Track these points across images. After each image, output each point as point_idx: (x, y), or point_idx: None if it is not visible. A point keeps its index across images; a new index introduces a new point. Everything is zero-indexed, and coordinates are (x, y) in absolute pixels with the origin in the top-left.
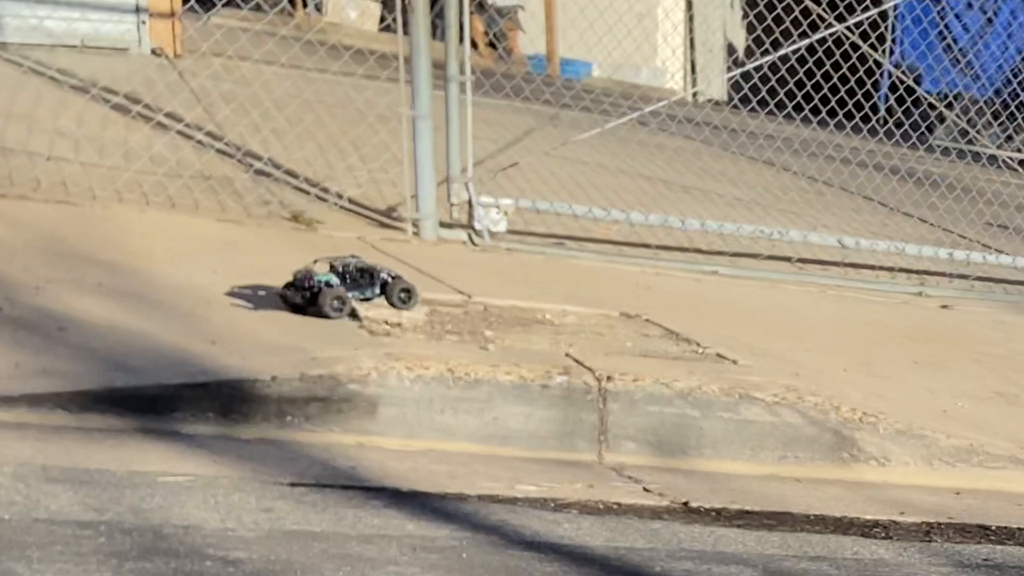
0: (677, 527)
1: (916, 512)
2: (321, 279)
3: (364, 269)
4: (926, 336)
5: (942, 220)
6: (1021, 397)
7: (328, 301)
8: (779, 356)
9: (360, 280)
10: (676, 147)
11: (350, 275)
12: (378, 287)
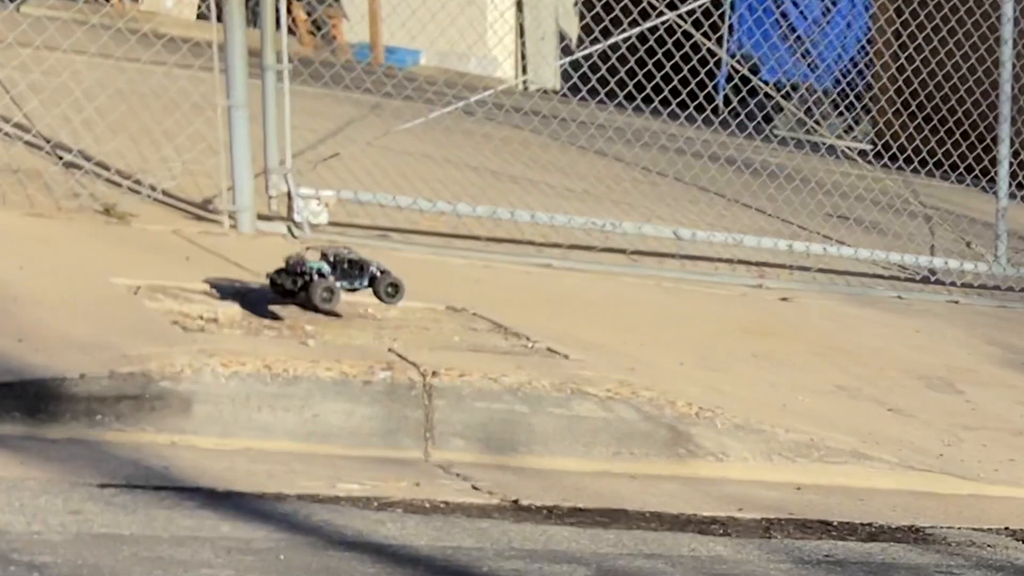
0: (507, 526)
1: (755, 508)
2: (313, 266)
3: (355, 261)
4: (766, 329)
5: (781, 211)
6: (863, 391)
7: (319, 292)
8: (613, 350)
9: (350, 271)
10: (504, 137)
11: (341, 266)
12: (367, 279)
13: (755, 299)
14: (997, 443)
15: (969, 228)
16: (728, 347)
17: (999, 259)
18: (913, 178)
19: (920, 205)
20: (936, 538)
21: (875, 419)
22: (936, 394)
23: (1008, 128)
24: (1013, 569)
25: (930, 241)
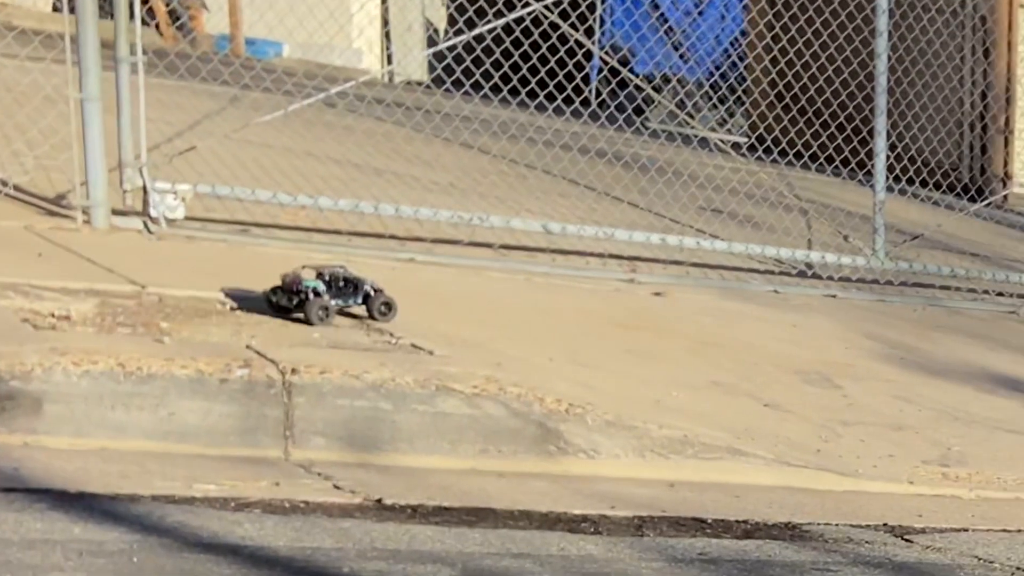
0: (369, 525)
1: (628, 506)
2: (309, 285)
3: (350, 279)
4: (639, 324)
5: (653, 204)
6: (739, 386)
7: (315, 310)
8: (480, 346)
9: (344, 289)
10: (366, 129)
11: (336, 284)
12: (360, 297)
13: (628, 294)
14: (876, 438)
15: (846, 221)
16: (600, 343)
17: (877, 253)
18: (788, 171)
19: (796, 198)
20: (813, 535)
21: (751, 415)
22: (813, 389)
23: (884, 121)
24: (891, 565)
25: (807, 235)
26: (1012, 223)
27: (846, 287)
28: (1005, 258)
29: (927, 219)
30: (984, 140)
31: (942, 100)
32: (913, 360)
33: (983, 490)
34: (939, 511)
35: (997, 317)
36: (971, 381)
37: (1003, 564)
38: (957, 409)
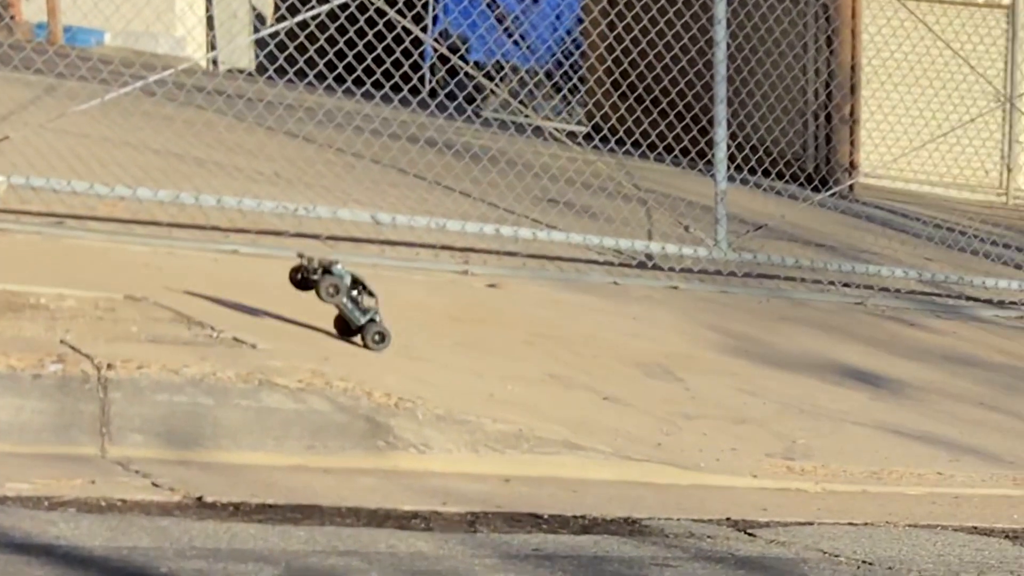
0: (189, 524)
1: (460, 502)
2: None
3: (367, 309)
4: (473, 317)
5: (487, 194)
6: (577, 379)
7: (324, 286)
8: (306, 339)
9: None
10: (187, 118)
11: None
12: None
13: (461, 285)
14: (718, 432)
15: (687, 212)
16: (432, 335)
17: (719, 243)
18: (627, 160)
19: (635, 188)
20: (653, 530)
21: (589, 408)
22: (655, 382)
23: (724, 109)
24: (734, 560)
25: (647, 225)
26: (858, 213)
27: (688, 278)
28: (852, 248)
29: (771, 209)
30: (829, 130)
31: (783, 89)
32: (757, 352)
33: (829, 483)
34: (784, 505)
35: (844, 308)
36: (817, 373)
37: (849, 557)
38: (803, 401)
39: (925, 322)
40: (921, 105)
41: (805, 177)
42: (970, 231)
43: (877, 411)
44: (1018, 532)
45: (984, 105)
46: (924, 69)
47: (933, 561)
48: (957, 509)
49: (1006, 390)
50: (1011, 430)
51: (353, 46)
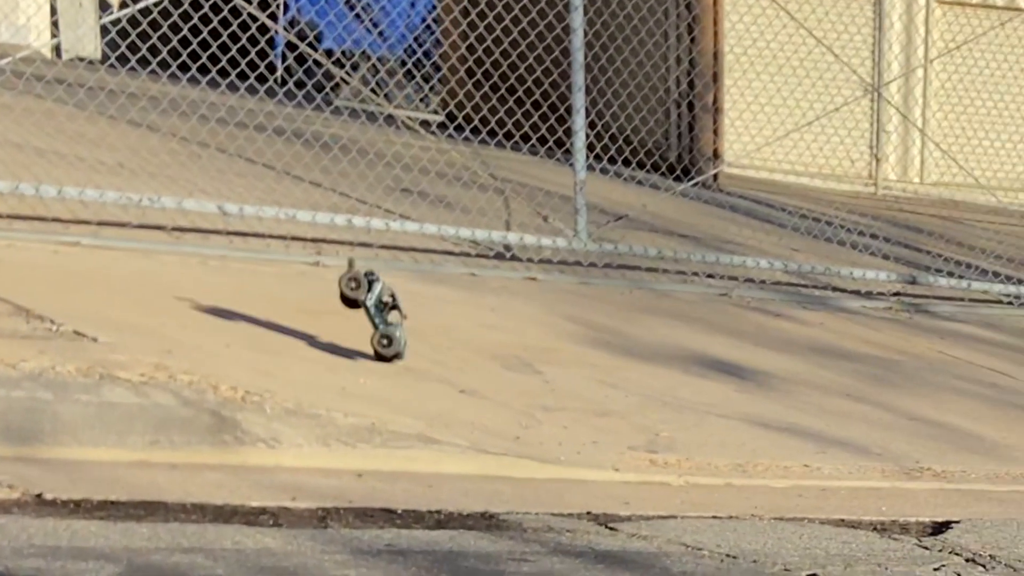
0: (27, 521)
1: (311, 497)
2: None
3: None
4: (324, 309)
5: (338, 184)
6: (432, 372)
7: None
8: (149, 332)
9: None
10: (25, 107)
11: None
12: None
13: (313, 277)
14: (579, 424)
15: (546, 202)
16: (282, 328)
17: (579, 234)
18: (483, 149)
19: (492, 178)
20: (511, 524)
21: (445, 401)
22: (513, 374)
23: (582, 98)
24: (594, 555)
25: (504, 215)
26: (722, 203)
27: (548, 269)
28: (716, 239)
29: (632, 199)
30: (691, 119)
31: (644, 77)
32: (619, 344)
33: (693, 476)
34: (646, 498)
35: (708, 299)
36: (681, 365)
37: (712, 551)
38: (666, 394)
39: (791, 313)
40: (785, 94)
41: (667, 166)
42: (837, 221)
43: (742, 403)
44: (886, 524)
45: (850, 94)
46: (787, 57)
47: (799, 554)
48: (824, 502)
49: (873, 381)
50: (878, 421)
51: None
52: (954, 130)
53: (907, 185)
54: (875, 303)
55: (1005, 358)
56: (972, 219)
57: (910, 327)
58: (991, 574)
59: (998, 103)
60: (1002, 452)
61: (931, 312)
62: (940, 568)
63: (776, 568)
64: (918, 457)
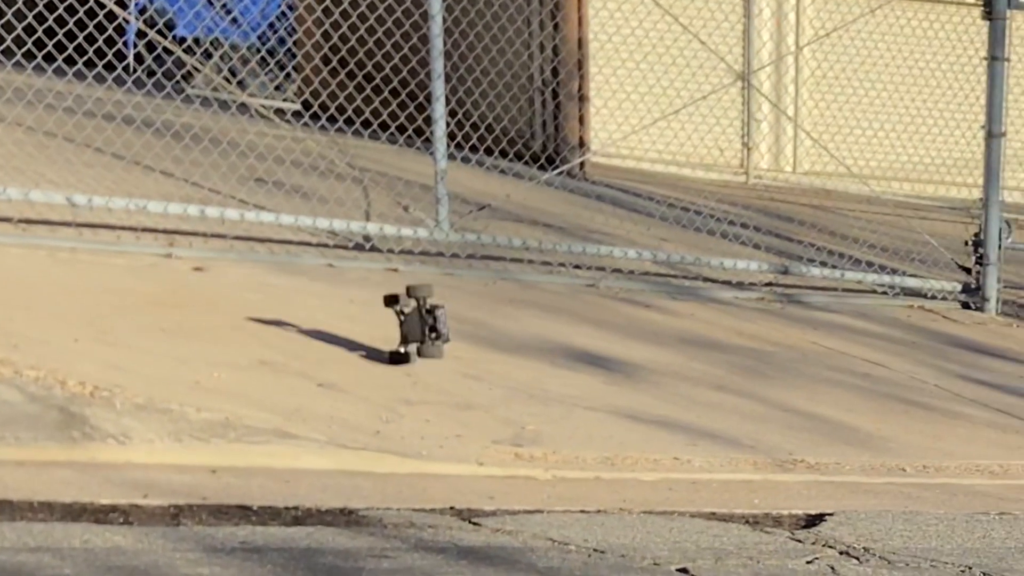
0: None
1: (163, 494)
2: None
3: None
4: (177, 301)
5: (190, 174)
6: (290, 365)
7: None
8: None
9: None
10: None
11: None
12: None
13: (165, 269)
14: (442, 418)
15: (406, 191)
16: (133, 321)
17: (441, 224)
18: (340, 138)
19: (350, 167)
20: (371, 520)
21: (303, 395)
22: (374, 367)
23: (442, 85)
24: (457, 551)
25: (364, 206)
26: (588, 193)
27: (409, 260)
28: (583, 229)
29: (496, 189)
30: (555, 107)
31: (505, 64)
32: (484, 336)
33: (560, 470)
34: (512, 492)
35: (575, 291)
36: (548, 357)
37: (579, 546)
38: (532, 386)
39: (661, 304)
40: (651, 82)
41: (532, 155)
42: (707, 211)
43: (611, 395)
44: (758, 517)
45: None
46: (653, 44)
47: (668, 548)
48: (695, 494)
49: (745, 373)
50: (750, 413)
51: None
52: (825, 119)
53: (779, 174)
54: (747, 293)
55: (879, 348)
56: (845, 208)
57: (783, 317)
58: (865, 567)
59: (869, 91)
60: (877, 444)
61: (804, 302)
62: (813, 561)
63: (645, 562)
64: (791, 449)
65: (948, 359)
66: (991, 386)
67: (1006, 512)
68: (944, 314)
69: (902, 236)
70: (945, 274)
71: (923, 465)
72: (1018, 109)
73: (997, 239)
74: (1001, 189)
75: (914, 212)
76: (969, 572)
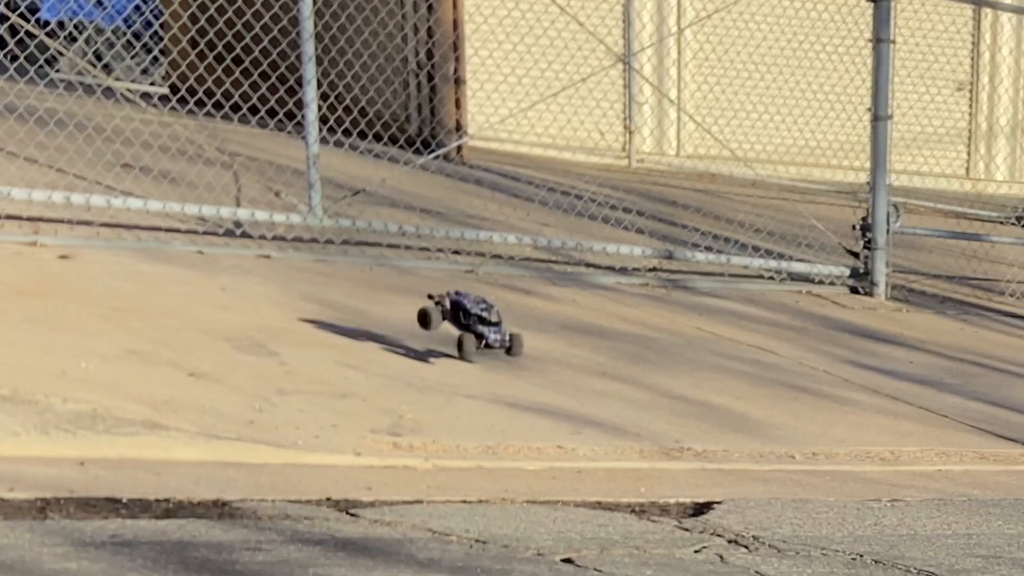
0: None
1: (29, 487)
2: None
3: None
4: (42, 290)
5: (54, 160)
6: (160, 355)
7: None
8: None
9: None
10: None
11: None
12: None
13: (30, 257)
14: (317, 407)
15: (278, 176)
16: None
17: (314, 210)
18: (209, 122)
19: (219, 152)
20: (245, 512)
21: (174, 385)
22: (246, 356)
23: (313, 68)
24: (334, 542)
25: (234, 191)
26: (467, 177)
27: (282, 247)
28: (461, 214)
29: (371, 173)
30: (431, 90)
31: (378, 47)
32: (360, 324)
33: (440, 459)
34: (390, 483)
35: (454, 276)
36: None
37: (461, 536)
38: (410, 375)
39: (542, 290)
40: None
41: (407, 139)
42: (588, 195)
43: (492, 383)
44: (644, 506)
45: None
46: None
47: (553, 538)
48: (579, 483)
49: (629, 359)
50: (636, 401)
51: None
52: (708, 101)
53: (663, 158)
54: (631, 279)
55: (767, 334)
56: (731, 192)
57: (668, 303)
58: (754, 555)
59: (753, 73)
60: (766, 431)
61: (690, 288)
62: (701, 550)
63: (528, 553)
64: (678, 436)
65: (838, 344)
66: (881, 372)
67: (898, 499)
68: (833, 299)
69: (789, 220)
70: (833, 259)
71: (813, 452)
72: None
73: (885, 223)
74: (889, 172)
75: (801, 196)
76: (860, 560)
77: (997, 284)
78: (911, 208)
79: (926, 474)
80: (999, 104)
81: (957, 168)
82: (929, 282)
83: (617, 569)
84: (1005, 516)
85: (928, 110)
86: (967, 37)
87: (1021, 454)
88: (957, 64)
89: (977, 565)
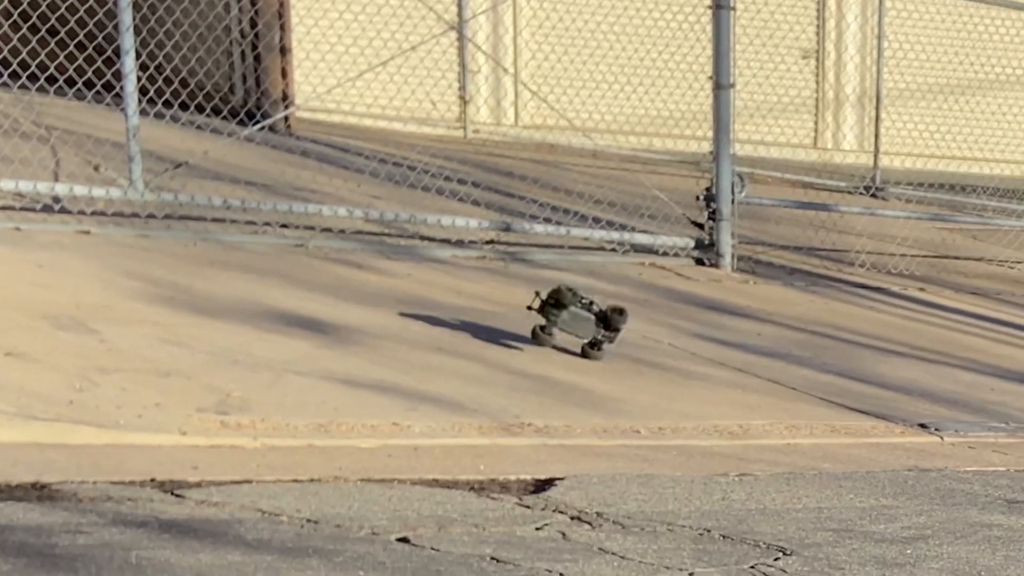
0: None
1: None
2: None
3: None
4: None
5: None
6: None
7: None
8: None
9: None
10: None
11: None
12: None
13: None
14: (141, 386)
15: (96, 150)
16: None
17: (135, 184)
18: (24, 95)
19: (35, 125)
20: (65, 494)
21: None
22: (65, 334)
23: (131, 38)
24: (158, 524)
25: (52, 165)
26: (294, 149)
27: (102, 222)
28: (289, 187)
29: (193, 146)
30: (255, 59)
31: (199, 15)
32: (184, 300)
33: (270, 438)
34: (218, 463)
35: (283, 251)
36: (254, 321)
37: (292, 516)
38: (237, 352)
39: (375, 264)
40: (357, 31)
41: (230, 110)
42: (421, 166)
43: (323, 360)
44: (484, 483)
45: (428, 32)
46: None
47: (388, 517)
48: (416, 461)
49: (466, 333)
50: (473, 376)
51: None
52: (543, 70)
53: (499, 128)
54: (467, 252)
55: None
56: (570, 163)
57: (506, 276)
58: (598, 532)
59: (589, 41)
60: (609, 406)
61: (528, 260)
62: (543, 527)
63: (363, 532)
64: (518, 412)
65: (683, 317)
66: (729, 344)
67: (746, 473)
68: (677, 271)
69: (631, 191)
70: (677, 230)
71: (659, 427)
72: (747, 60)
73: (730, 193)
74: (733, 142)
75: (643, 166)
76: (707, 535)
77: (846, 255)
78: (758, 178)
79: (775, 448)
80: (844, 73)
81: (804, 138)
82: (776, 253)
83: (455, 547)
84: (856, 489)
85: (772, 79)
86: (810, 4)
87: (872, 426)
88: (801, 32)
89: (828, 539)
